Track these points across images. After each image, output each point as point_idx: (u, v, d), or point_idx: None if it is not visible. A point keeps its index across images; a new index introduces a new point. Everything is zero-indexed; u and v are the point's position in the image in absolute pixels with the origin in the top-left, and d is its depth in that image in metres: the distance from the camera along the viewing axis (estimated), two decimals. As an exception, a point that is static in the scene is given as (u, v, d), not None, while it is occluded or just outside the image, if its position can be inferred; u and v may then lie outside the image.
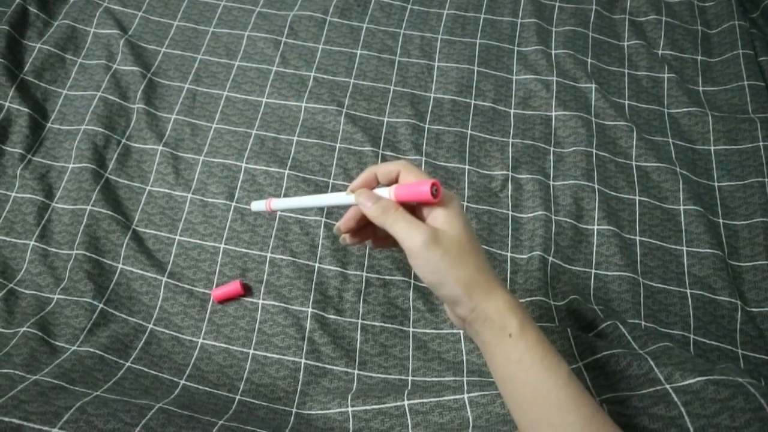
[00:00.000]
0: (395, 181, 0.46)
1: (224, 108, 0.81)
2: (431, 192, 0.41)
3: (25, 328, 0.61)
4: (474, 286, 0.42)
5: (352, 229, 0.48)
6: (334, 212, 0.72)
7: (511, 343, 0.41)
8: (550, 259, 0.69)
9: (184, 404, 0.54)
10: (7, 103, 0.77)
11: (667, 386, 0.47)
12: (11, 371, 0.55)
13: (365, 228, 0.49)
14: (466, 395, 0.54)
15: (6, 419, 0.47)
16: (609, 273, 0.69)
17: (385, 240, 0.50)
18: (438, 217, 0.43)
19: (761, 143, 0.77)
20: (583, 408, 0.41)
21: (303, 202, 0.52)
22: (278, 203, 0.54)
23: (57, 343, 0.62)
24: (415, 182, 0.44)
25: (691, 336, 0.65)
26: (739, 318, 0.66)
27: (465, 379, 0.59)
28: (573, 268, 0.69)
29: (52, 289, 0.66)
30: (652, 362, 0.50)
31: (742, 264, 0.71)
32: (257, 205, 0.55)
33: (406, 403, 0.55)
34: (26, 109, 0.76)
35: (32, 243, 0.68)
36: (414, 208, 0.45)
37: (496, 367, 0.43)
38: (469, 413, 0.53)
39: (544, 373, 0.41)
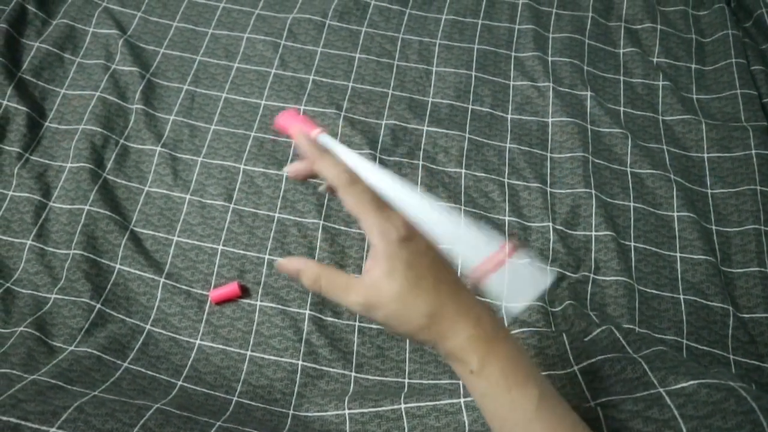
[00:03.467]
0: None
1: (223, 109, 0.81)
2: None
3: (22, 328, 0.61)
4: (428, 331, 0.39)
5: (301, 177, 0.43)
6: (332, 215, 0.72)
7: (474, 378, 0.39)
8: (548, 265, 0.70)
9: (182, 405, 0.54)
10: (5, 102, 0.76)
11: (661, 390, 0.48)
12: (9, 371, 0.55)
13: None
14: (462, 399, 0.55)
15: (4, 418, 0.47)
16: (606, 278, 0.70)
17: None
18: (376, 263, 0.38)
19: (753, 151, 0.78)
20: None
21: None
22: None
23: (54, 343, 0.62)
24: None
25: (684, 341, 0.66)
26: (731, 324, 0.67)
27: (461, 382, 0.59)
28: (570, 273, 0.70)
29: (50, 289, 0.66)
30: (645, 366, 0.51)
31: (734, 270, 0.72)
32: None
33: (402, 406, 0.56)
34: (24, 108, 0.76)
35: (29, 242, 0.68)
36: None
37: (470, 392, 0.42)
38: (465, 417, 0.54)
39: (511, 407, 0.39)
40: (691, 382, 0.47)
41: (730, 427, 0.43)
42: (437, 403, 0.55)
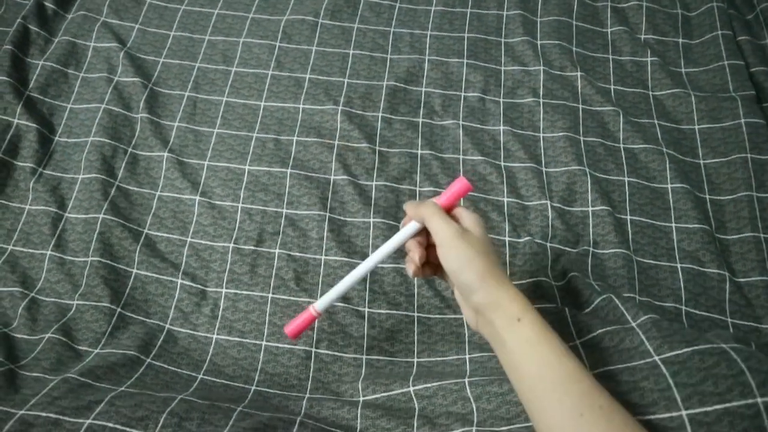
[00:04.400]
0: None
1: (224, 113, 0.84)
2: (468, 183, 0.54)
3: (49, 334, 0.64)
4: (488, 276, 0.50)
5: (424, 258, 0.56)
6: (336, 207, 0.75)
7: (520, 326, 0.48)
8: (548, 242, 0.72)
9: (204, 396, 0.57)
10: (15, 120, 0.79)
11: (656, 358, 0.50)
12: (41, 375, 0.58)
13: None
14: (466, 379, 0.57)
15: (44, 414, 0.50)
16: (605, 251, 0.72)
17: (427, 266, 0.57)
18: (465, 220, 0.53)
19: (743, 120, 0.80)
20: (582, 381, 0.45)
21: (345, 284, 0.58)
22: (321, 303, 0.58)
23: (80, 347, 0.64)
24: (449, 187, 0.55)
25: (683, 308, 0.68)
26: (727, 288, 0.69)
27: (467, 356, 0.62)
28: (570, 249, 0.72)
29: (71, 296, 0.69)
30: (642, 335, 0.53)
31: (728, 237, 0.74)
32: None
33: (411, 389, 0.59)
34: (34, 125, 0.79)
35: (49, 252, 0.71)
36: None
37: (507, 349, 0.49)
38: (470, 394, 0.56)
39: (548, 351, 0.47)
40: (685, 350, 0.49)
41: (721, 392, 0.45)
42: (443, 382, 0.58)
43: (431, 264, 0.57)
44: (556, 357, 0.47)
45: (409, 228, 0.56)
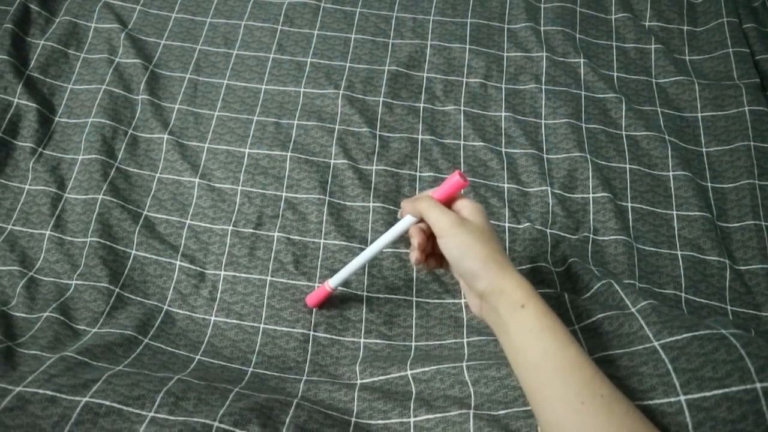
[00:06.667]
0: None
1: (225, 96, 0.83)
2: (461, 178, 0.53)
3: (47, 313, 0.64)
4: (490, 262, 0.50)
5: (425, 247, 0.56)
6: (336, 191, 0.75)
7: (524, 313, 0.48)
8: (548, 228, 0.72)
9: (201, 377, 0.57)
10: (15, 99, 0.79)
11: (656, 343, 0.50)
12: (38, 353, 0.58)
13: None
14: (464, 363, 0.57)
15: (41, 391, 0.50)
16: (605, 238, 0.72)
17: (432, 257, 0.58)
18: (464, 210, 0.53)
19: (746, 108, 0.80)
20: (583, 369, 0.45)
21: (356, 263, 0.62)
22: (335, 280, 0.63)
23: (78, 326, 0.64)
24: (445, 181, 0.55)
25: (683, 295, 0.68)
26: (727, 276, 0.69)
27: (465, 340, 0.62)
28: (570, 235, 0.72)
29: (70, 276, 0.69)
30: (642, 321, 0.53)
31: (730, 225, 0.74)
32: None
33: (408, 372, 0.59)
34: (34, 105, 0.79)
35: (48, 232, 0.71)
36: (448, 207, 0.55)
37: (510, 337, 0.49)
38: (467, 377, 0.56)
39: (551, 339, 0.47)
40: (685, 335, 0.49)
41: (720, 377, 0.45)
42: (440, 366, 0.58)
43: (436, 256, 0.58)
44: (559, 345, 0.46)
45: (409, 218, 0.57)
